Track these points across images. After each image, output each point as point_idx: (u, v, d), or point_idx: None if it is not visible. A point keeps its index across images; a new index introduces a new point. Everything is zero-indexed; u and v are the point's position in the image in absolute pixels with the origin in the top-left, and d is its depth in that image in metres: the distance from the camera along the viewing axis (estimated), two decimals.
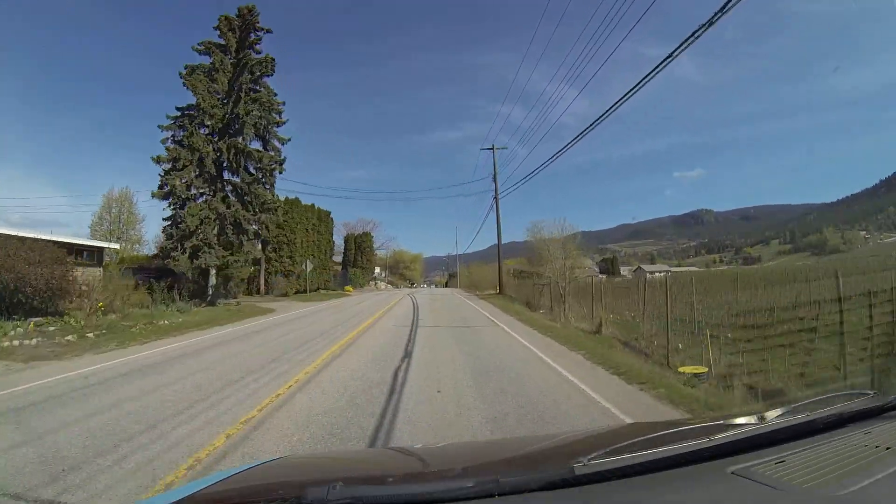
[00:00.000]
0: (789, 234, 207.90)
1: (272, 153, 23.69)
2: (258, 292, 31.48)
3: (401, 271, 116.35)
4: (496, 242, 34.02)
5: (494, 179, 32.20)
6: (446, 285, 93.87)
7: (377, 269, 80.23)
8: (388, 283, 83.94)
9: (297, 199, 35.50)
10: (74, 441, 3.69)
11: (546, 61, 28.98)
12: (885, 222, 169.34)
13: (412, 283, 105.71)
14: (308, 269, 31.93)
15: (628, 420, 4.23)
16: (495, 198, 31.98)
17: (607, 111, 10.70)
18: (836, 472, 0.92)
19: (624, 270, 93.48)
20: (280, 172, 24.06)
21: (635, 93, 9.04)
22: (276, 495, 0.95)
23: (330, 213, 43.15)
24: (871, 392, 1.35)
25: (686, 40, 7.13)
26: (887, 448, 1.00)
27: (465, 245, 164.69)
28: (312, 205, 38.96)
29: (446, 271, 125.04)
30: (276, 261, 33.01)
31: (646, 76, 8.54)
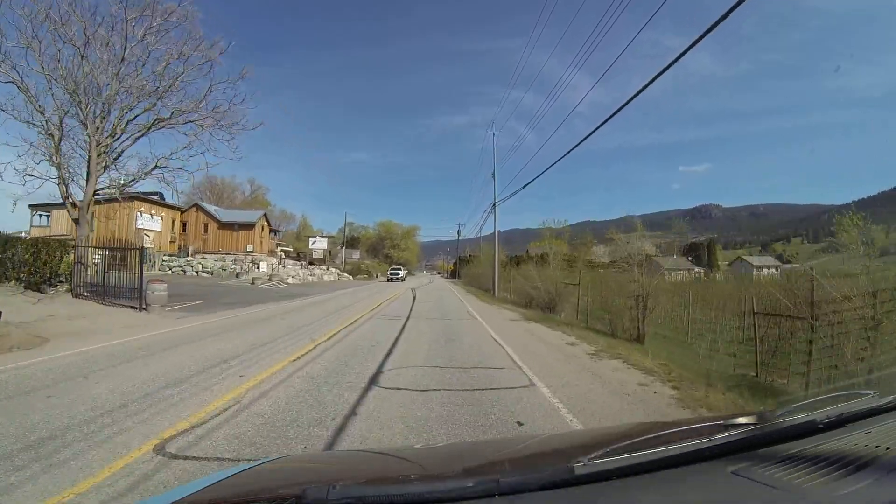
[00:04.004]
0: (812, 231, 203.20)
1: None
2: None
3: (386, 251, 76.93)
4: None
5: None
6: (454, 275, 64.43)
7: (277, 251, 41.54)
8: (341, 270, 45.27)
9: None
10: None
11: (554, 46, 25.16)
12: None
13: (397, 272, 46.41)
14: None
15: None
16: None
17: (609, 117, 10.43)
18: (836, 472, 0.92)
19: None
20: None
21: (639, 94, 8.83)
22: (275, 495, 0.95)
23: None
24: (871, 392, 1.35)
25: (692, 44, 7.02)
26: (887, 448, 1.00)
27: (469, 228, 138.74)
28: None
29: (449, 256, 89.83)
30: None
31: (649, 81, 8.29)
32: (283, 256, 42.89)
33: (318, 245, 46.20)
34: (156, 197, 33.75)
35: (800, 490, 0.86)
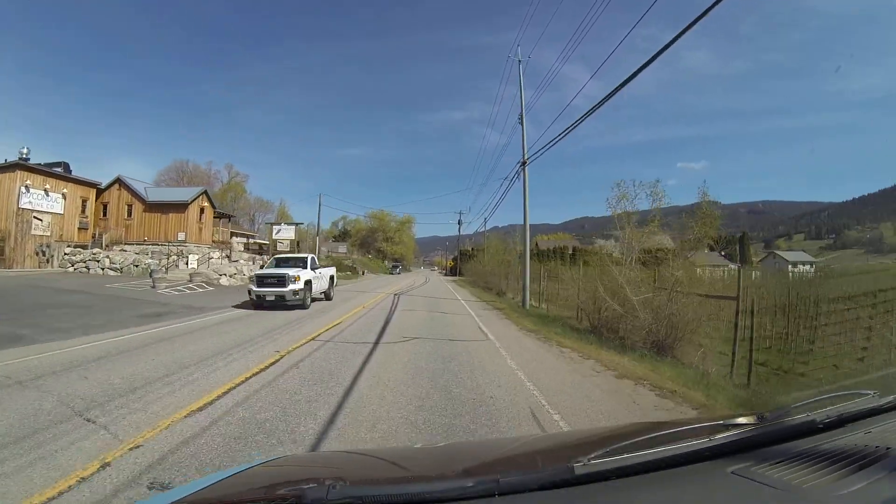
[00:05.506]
0: (815, 229, 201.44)
1: None
2: None
3: (379, 244, 69.90)
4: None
5: None
6: (454, 272, 57.29)
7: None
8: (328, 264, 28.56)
9: None
10: None
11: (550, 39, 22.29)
12: None
13: (271, 280, 13.25)
14: None
15: None
16: None
17: (600, 102, 10.12)
18: (836, 472, 0.92)
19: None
20: None
21: (632, 78, 8.60)
22: (275, 495, 0.95)
23: None
24: (871, 392, 1.35)
25: (683, 30, 6.95)
26: (887, 448, 1.00)
27: (473, 215, 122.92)
28: None
29: (447, 252, 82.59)
30: None
31: (643, 65, 8.12)
32: (241, 249, 34.58)
33: (284, 234, 34.44)
34: (59, 169, 25.99)
35: (800, 490, 0.86)
